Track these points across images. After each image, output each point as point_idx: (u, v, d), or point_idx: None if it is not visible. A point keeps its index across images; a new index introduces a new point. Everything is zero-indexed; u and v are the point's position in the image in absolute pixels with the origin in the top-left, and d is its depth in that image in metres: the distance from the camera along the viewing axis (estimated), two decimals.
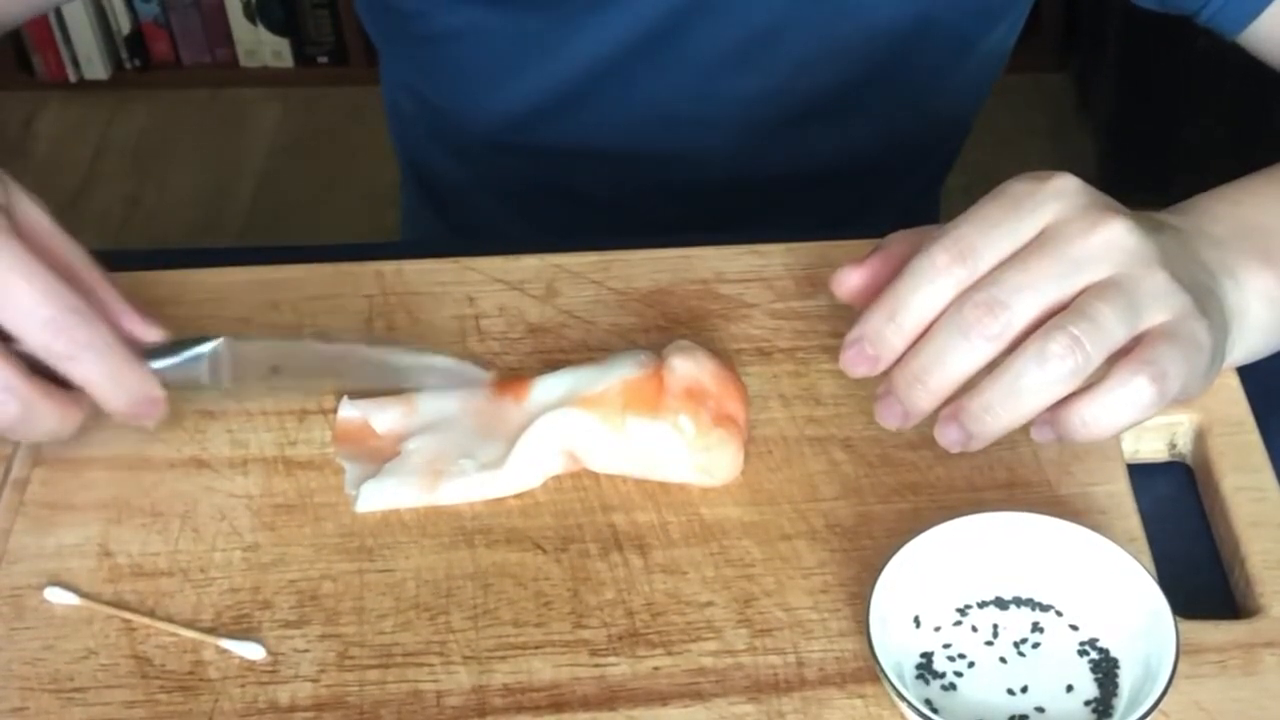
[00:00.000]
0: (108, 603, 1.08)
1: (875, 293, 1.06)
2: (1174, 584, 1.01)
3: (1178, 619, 0.99)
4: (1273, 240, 1.14)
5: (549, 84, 1.52)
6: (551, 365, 1.17)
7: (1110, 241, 1.03)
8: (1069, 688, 1.00)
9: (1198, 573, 1.10)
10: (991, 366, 1.02)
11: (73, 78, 4.11)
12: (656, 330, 1.22)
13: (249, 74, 4.02)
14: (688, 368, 1.11)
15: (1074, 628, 1.03)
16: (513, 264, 1.26)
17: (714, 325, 1.19)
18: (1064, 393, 1.01)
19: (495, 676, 1.03)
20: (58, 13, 3.90)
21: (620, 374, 1.12)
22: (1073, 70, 4.22)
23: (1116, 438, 1.12)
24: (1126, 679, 1.00)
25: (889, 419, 1.05)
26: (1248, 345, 1.14)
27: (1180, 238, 1.11)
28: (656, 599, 1.07)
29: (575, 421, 1.12)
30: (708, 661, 1.04)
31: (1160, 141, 3.45)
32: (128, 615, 1.07)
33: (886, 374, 1.05)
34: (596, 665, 1.04)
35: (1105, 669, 1.01)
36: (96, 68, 4.10)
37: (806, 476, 1.11)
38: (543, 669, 1.04)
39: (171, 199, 3.57)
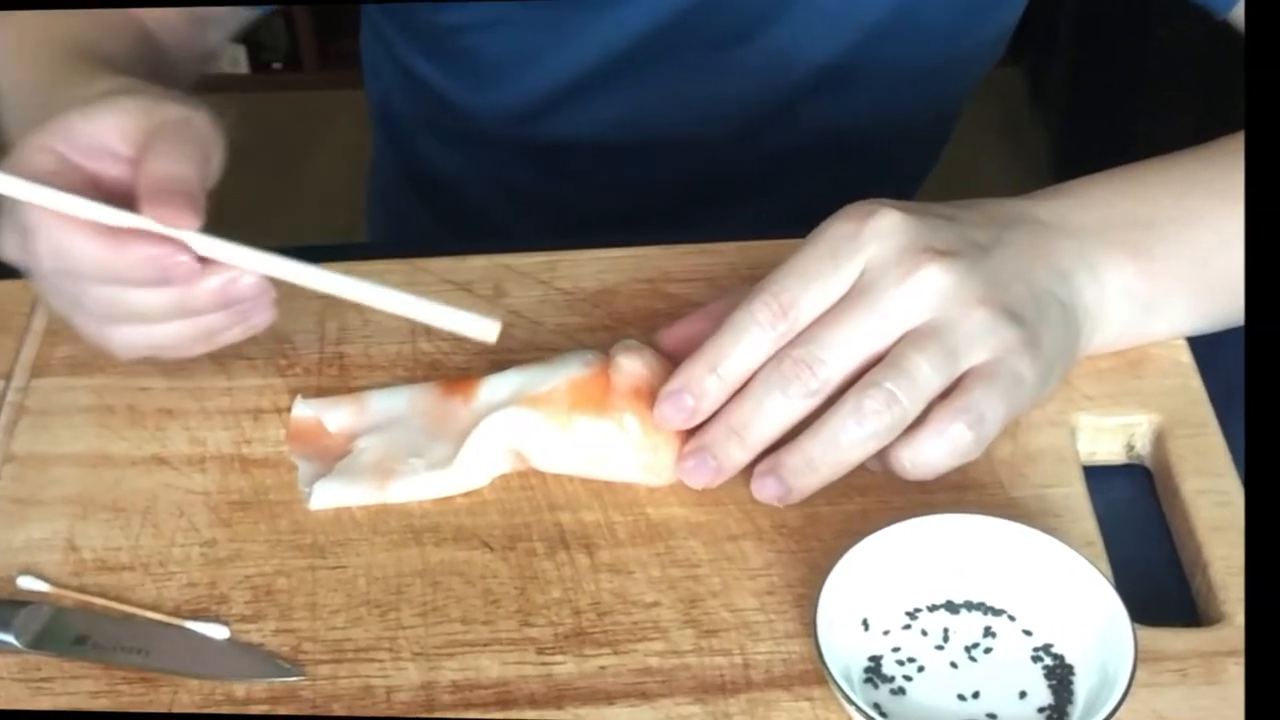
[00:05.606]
0: (75, 589, 0.86)
1: (696, 345, 0.85)
2: (1132, 590, 0.77)
3: (1135, 626, 0.75)
4: (1148, 233, 0.89)
5: (563, 73, 1.23)
6: (499, 365, 0.92)
7: (925, 286, 0.82)
8: (1022, 694, 0.76)
9: (1157, 578, 0.84)
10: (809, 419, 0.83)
11: None
12: (603, 330, 0.96)
13: (208, 81, 3.44)
14: (634, 367, 0.86)
15: (1027, 633, 0.78)
16: (461, 264, 1.00)
17: (661, 325, 0.93)
18: (882, 445, 0.81)
19: (444, 673, 0.81)
20: None
21: (567, 373, 0.88)
22: (1025, 63, 3.36)
23: (1071, 438, 0.88)
24: (1082, 686, 0.76)
25: (699, 476, 0.85)
26: (1105, 338, 0.90)
27: (1033, 234, 0.87)
28: (603, 598, 0.83)
29: (522, 421, 0.87)
30: (654, 661, 0.81)
31: (1117, 136, 2.72)
32: (96, 602, 0.86)
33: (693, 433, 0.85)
34: (543, 664, 0.81)
35: (1060, 675, 0.76)
36: None
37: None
38: (490, 666, 0.81)
39: None
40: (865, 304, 0.82)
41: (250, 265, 0.81)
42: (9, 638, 0.84)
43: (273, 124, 3.30)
